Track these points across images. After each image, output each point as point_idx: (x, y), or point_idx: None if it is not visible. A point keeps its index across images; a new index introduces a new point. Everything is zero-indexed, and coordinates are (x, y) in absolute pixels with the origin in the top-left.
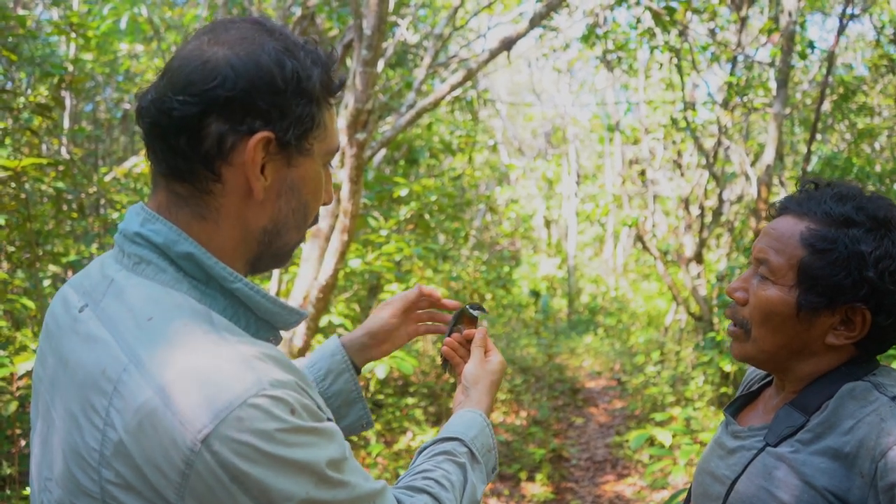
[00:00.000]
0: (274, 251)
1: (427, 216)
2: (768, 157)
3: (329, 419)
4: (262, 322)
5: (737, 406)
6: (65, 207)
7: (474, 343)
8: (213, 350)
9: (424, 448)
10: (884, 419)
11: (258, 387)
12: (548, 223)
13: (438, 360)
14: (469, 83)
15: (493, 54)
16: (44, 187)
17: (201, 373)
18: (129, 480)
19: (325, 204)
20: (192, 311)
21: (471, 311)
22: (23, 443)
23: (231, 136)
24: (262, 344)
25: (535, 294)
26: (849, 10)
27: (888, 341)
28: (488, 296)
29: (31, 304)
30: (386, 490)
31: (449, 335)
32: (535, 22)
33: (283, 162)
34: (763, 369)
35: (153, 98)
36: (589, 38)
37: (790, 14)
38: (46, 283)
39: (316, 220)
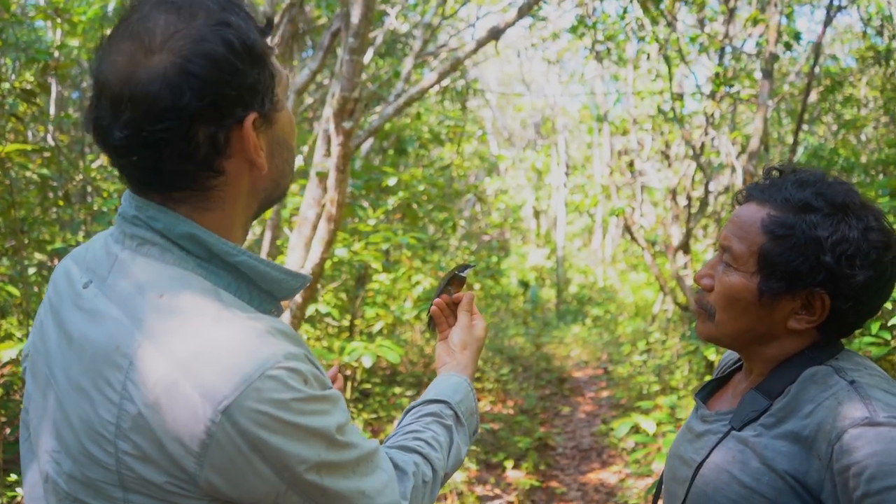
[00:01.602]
0: (274, 199)
1: (415, 206)
2: (754, 147)
3: (330, 387)
4: (265, 294)
5: (708, 391)
6: (50, 195)
7: (461, 307)
8: (227, 325)
9: (412, 408)
10: (841, 403)
11: (274, 359)
12: (537, 213)
13: (428, 348)
14: (458, 73)
15: (481, 44)
16: (29, 174)
17: (219, 347)
18: (147, 452)
19: None
20: (200, 289)
21: (460, 273)
22: (7, 430)
23: (222, 133)
24: (269, 318)
25: (524, 284)
26: (836, 2)
27: (849, 325)
28: (477, 286)
29: (16, 291)
30: (380, 448)
31: (438, 296)
32: (523, 11)
33: (267, 126)
34: (729, 349)
35: (127, 135)
36: (578, 28)
37: (776, 5)
38: (32, 270)
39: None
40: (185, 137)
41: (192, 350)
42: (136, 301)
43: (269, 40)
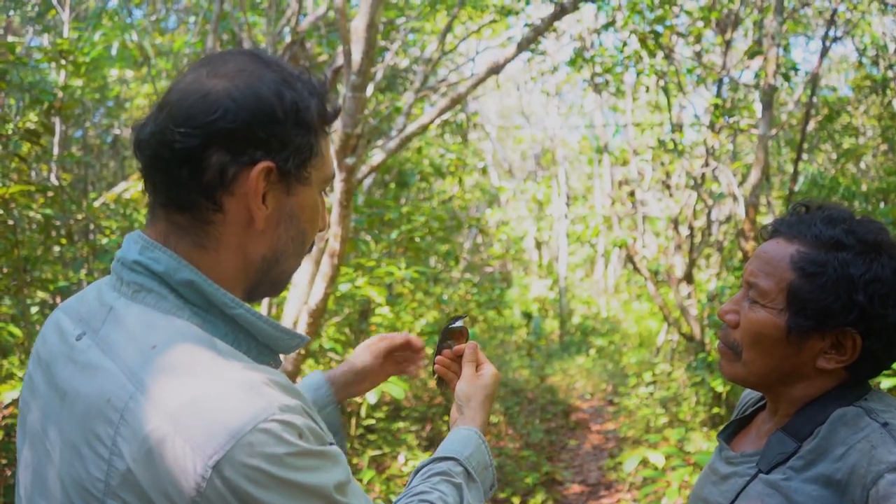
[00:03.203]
0: (272, 278)
1: (417, 239)
2: (754, 177)
3: (332, 443)
4: (263, 347)
5: (730, 431)
6: (53, 234)
7: (465, 358)
8: (220, 376)
9: (420, 468)
10: (875, 446)
11: (267, 412)
12: (539, 245)
13: (433, 383)
14: (458, 107)
15: (481, 80)
16: (32, 214)
17: (210, 399)
18: None
19: (320, 230)
20: (195, 338)
21: (452, 326)
22: (8, 472)
23: (233, 167)
24: (266, 369)
25: (527, 316)
26: (831, 33)
27: (880, 365)
28: (480, 318)
29: (17, 331)
30: None
31: (439, 353)
32: (522, 46)
33: (282, 191)
34: (754, 390)
35: (153, 131)
36: (576, 61)
37: (773, 37)
38: (34, 310)
39: (311, 248)
40: (198, 152)
41: (184, 402)
42: (129, 352)
43: (329, 129)
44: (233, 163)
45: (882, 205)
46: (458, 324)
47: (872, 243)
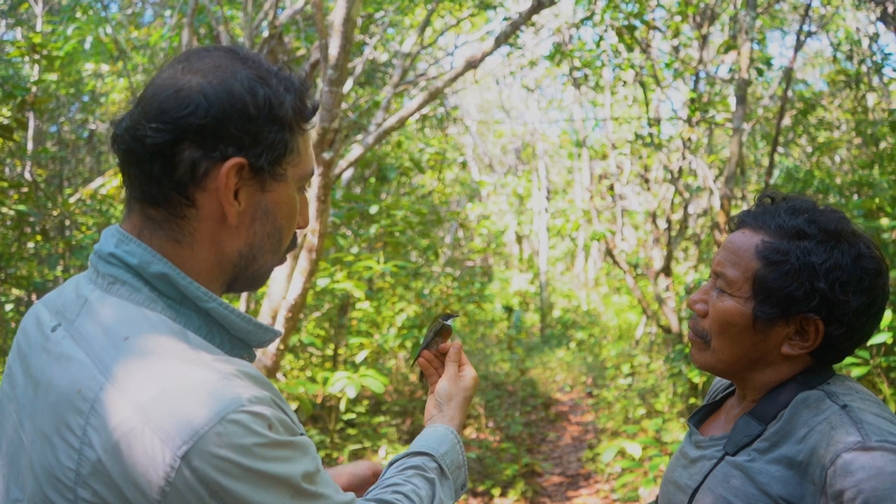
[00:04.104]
0: (250, 274)
1: (397, 233)
2: (730, 171)
3: (302, 433)
4: (237, 340)
5: (700, 416)
6: (28, 230)
7: (448, 358)
8: (191, 368)
9: (395, 461)
10: (834, 427)
11: (237, 403)
12: (519, 238)
13: (413, 376)
14: (438, 101)
15: (458, 74)
16: (6, 210)
17: (180, 390)
18: (106, 499)
19: (300, 227)
20: (167, 330)
21: (445, 322)
22: None
23: (204, 163)
24: (237, 361)
25: (508, 309)
26: (806, 28)
27: (842, 351)
28: (461, 312)
29: None
30: (355, 501)
31: (426, 348)
32: (500, 41)
33: (256, 187)
34: (723, 377)
35: (127, 126)
36: (555, 55)
37: (747, 32)
38: (9, 306)
39: (294, 245)
40: (169, 147)
41: (153, 393)
42: (101, 343)
43: (307, 126)
44: (204, 158)
45: (856, 197)
46: (451, 322)
47: (833, 232)
